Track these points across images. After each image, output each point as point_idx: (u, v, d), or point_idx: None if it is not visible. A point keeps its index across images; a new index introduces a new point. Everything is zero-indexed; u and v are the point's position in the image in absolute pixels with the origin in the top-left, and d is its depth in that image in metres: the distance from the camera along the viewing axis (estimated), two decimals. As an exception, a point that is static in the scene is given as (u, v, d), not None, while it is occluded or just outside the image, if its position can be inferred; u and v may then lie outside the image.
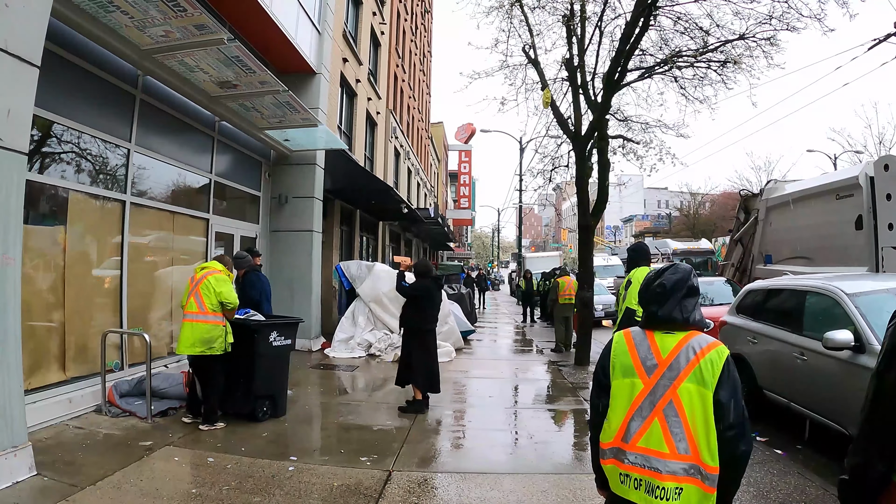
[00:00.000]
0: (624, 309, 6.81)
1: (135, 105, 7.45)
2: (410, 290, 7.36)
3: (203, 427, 6.04)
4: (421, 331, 7.38)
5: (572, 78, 11.51)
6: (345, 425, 6.60)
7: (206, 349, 6.02)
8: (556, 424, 7.29)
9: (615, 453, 2.27)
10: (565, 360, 11.74)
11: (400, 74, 25.90)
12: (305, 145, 11.67)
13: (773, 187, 13.58)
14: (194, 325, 6.02)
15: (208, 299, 6.08)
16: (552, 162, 14.26)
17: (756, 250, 13.61)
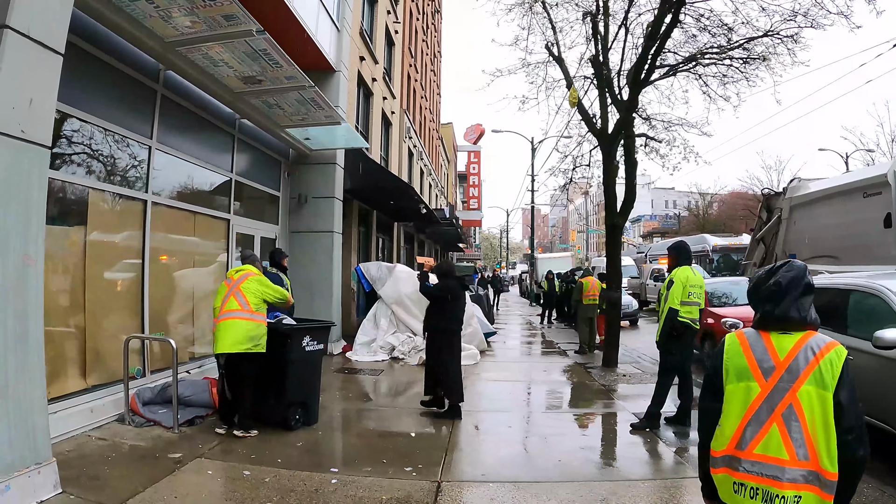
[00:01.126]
0: (667, 310, 6.49)
1: (156, 101, 7.16)
2: (436, 292, 7.07)
3: (238, 433, 5.75)
4: (449, 334, 7.08)
5: (598, 75, 11.20)
6: (380, 432, 6.30)
7: (252, 346, 5.78)
8: (598, 429, 6.93)
9: (728, 462, 2.17)
10: (592, 362, 11.41)
11: (413, 74, 25.62)
12: (326, 144, 11.36)
13: (797, 185, 13.27)
14: (237, 322, 5.76)
15: (253, 298, 5.87)
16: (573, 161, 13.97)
17: (779, 249, 13.32)
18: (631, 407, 7.56)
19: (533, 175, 35.12)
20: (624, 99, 11.12)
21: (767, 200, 14.96)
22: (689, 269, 6.68)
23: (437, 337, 7.05)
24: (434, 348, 7.07)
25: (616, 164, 11.31)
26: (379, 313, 11.95)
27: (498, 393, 8.71)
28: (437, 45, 39.06)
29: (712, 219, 50.02)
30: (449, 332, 7.07)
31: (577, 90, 11.76)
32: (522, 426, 6.72)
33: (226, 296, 5.90)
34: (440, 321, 7.03)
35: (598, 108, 11.65)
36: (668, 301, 6.51)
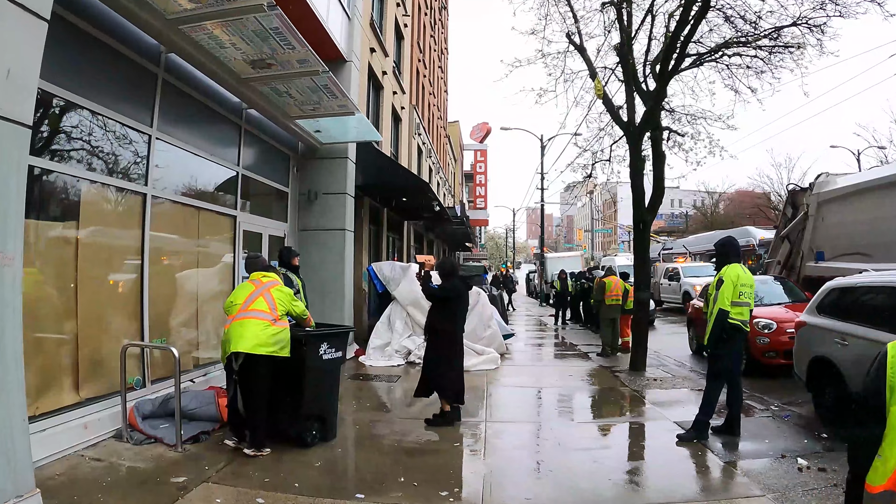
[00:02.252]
0: (716, 311, 5.85)
1: (157, 86, 6.56)
2: (441, 292, 6.62)
3: (249, 451, 5.13)
4: (452, 335, 6.62)
5: (624, 65, 10.61)
6: (405, 448, 5.66)
7: (278, 349, 5.23)
8: (642, 442, 6.29)
9: (889, 499, 1.80)
10: (617, 365, 10.81)
11: (421, 70, 25.04)
12: (337, 137, 10.74)
13: (825, 180, 12.74)
14: (263, 322, 5.21)
15: (281, 306, 5.40)
16: (592, 156, 13.41)
17: (806, 247, 12.79)
18: (670, 414, 6.96)
19: (542, 173, 34.54)
20: (649, 90, 10.60)
21: (793, 196, 14.44)
22: (738, 267, 6.08)
23: (437, 339, 6.62)
24: (434, 350, 6.64)
25: (643, 158, 10.75)
26: (393, 315, 11.36)
27: (525, 401, 8.14)
28: (443, 41, 38.49)
29: (720, 218, 49.38)
30: (451, 332, 6.63)
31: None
32: (560, 440, 6.02)
33: (253, 294, 5.37)
34: (443, 323, 6.58)
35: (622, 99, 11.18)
36: (717, 302, 5.90)
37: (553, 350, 13.99)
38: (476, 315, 11.32)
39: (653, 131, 10.49)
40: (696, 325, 12.17)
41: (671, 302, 22.31)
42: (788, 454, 5.35)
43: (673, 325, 17.94)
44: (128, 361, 5.89)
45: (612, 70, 11.76)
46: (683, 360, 11.59)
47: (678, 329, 16.42)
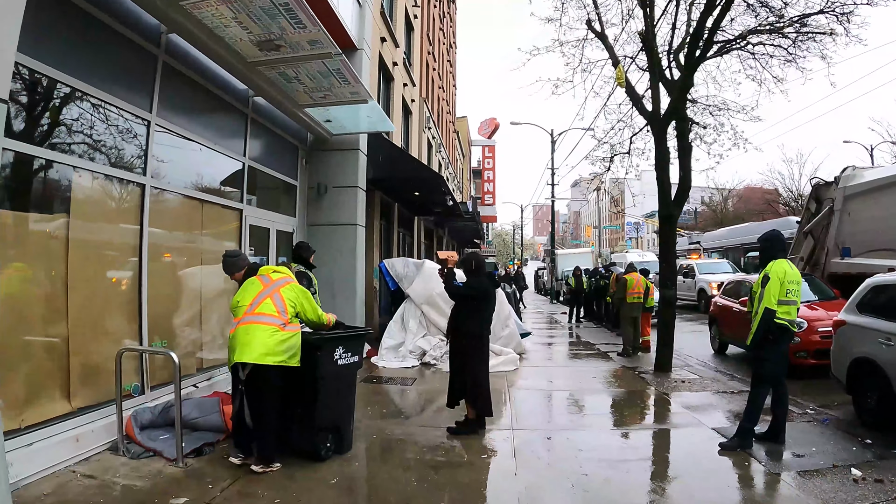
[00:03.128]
0: (761, 311, 5.35)
1: (157, 68, 6.06)
2: (468, 291, 6.05)
3: (257, 468, 4.62)
4: (479, 338, 6.11)
5: (649, 51, 10.08)
6: (429, 462, 5.11)
7: (288, 358, 4.71)
8: (681, 451, 5.67)
9: None
10: (641, 366, 10.32)
11: (431, 63, 24.50)
12: (348, 127, 10.24)
13: (852, 174, 12.22)
14: (271, 329, 4.67)
15: (291, 308, 4.87)
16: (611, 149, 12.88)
17: (831, 243, 12.27)
18: (707, 420, 6.49)
19: (553, 169, 33.96)
20: (673, 79, 10.09)
21: (816, 191, 13.91)
22: (785, 263, 5.57)
23: (464, 342, 6.07)
24: (461, 355, 6.10)
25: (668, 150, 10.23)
26: (407, 314, 10.85)
27: (551, 406, 7.64)
28: (452, 35, 37.96)
29: (730, 213, 48.75)
30: (478, 337, 6.09)
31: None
32: (594, 450, 5.47)
33: (260, 295, 4.84)
34: (469, 324, 6.04)
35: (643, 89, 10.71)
36: (762, 300, 5.40)
37: (572, 350, 13.45)
38: (494, 314, 10.80)
39: (679, 122, 9.99)
40: (720, 323, 11.71)
41: (685, 299, 21.78)
42: (840, 464, 4.92)
43: (689, 322, 17.40)
44: (124, 366, 5.44)
45: (633, 59, 11.28)
46: (707, 359, 11.13)
47: (696, 327, 15.92)
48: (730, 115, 11.12)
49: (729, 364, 10.57)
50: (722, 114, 11.19)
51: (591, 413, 7.17)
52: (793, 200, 40.71)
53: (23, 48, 3.92)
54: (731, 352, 11.60)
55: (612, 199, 74.28)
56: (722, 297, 12.06)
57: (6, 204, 4.39)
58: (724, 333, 11.53)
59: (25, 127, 4.56)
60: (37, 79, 4.60)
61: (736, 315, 10.59)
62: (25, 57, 4.32)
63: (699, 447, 5.59)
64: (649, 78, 10.41)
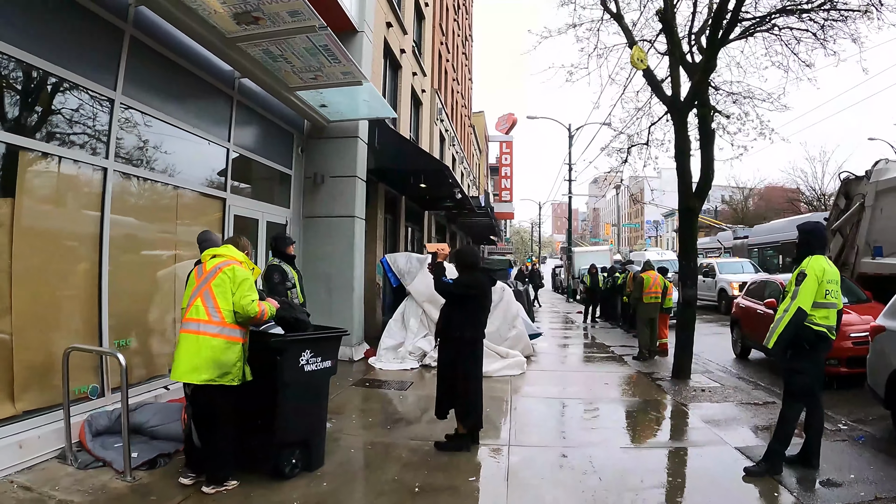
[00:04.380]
0: (793, 309, 4.66)
1: (123, 44, 5.54)
2: (458, 288, 5.38)
3: (208, 489, 4.06)
4: (471, 343, 5.44)
5: (668, 33, 9.43)
6: (408, 484, 4.48)
7: (218, 376, 4.01)
8: (700, 475, 4.96)
9: None
10: (657, 371, 9.64)
11: (444, 53, 23.90)
12: (346, 113, 9.69)
13: (885, 167, 11.42)
14: (200, 339, 4.02)
15: (225, 302, 4.08)
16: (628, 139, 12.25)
17: (861, 241, 11.49)
18: (729, 437, 5.79)
19: (570, 164, 33.24)
20: (695, 62, 9.44)
21: (846, 186, 13.12)
22: (824, 260, 4.84)
23: (454, 347, 5.42)
24: (450, 362, 5.45)
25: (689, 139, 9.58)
26: (408, 312, 10.29)
27: (556, 417, 6.96)
28: (468, 28, 37.30)
29: (752, 212, 47.79)
30: (470, 342, 5.43)
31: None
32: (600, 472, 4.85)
33: (193, 293, 4.18)
34: (461, 327, 5.37)
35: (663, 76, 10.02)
36: (797, 299, 4.69)
37: (584, 352, 12.80)
38: (500, 313, 10.24)
39: (700, 108, 9.33)
40: (743, 326, 11.04)
41: (705, 299, 21.05)
42: (884, 496, 4.23)
43: (709, 324, 16.67)
44: (82, 367, 4.99)
45: (652, 42, 10.63)
46: (728, 364, 10.45)
47: (717, 329, 15.22)
48: (755, 104, 10.45)
49: (752, 370, 9.89)
50: (747, 102, 10.51)
51: (599, 426, 6.48)
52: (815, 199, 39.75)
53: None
54: (753, 356, 10.92)
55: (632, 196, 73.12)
56: (745, 299, 11.38)
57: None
58: (746, 337, 10.85)
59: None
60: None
61: (760, 318, 9.93)
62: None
63: (721, 471, 4.91)
64: (669, 63, 9.77)
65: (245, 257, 4.38)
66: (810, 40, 9.33)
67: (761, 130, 10.45)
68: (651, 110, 11.63)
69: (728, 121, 10.51)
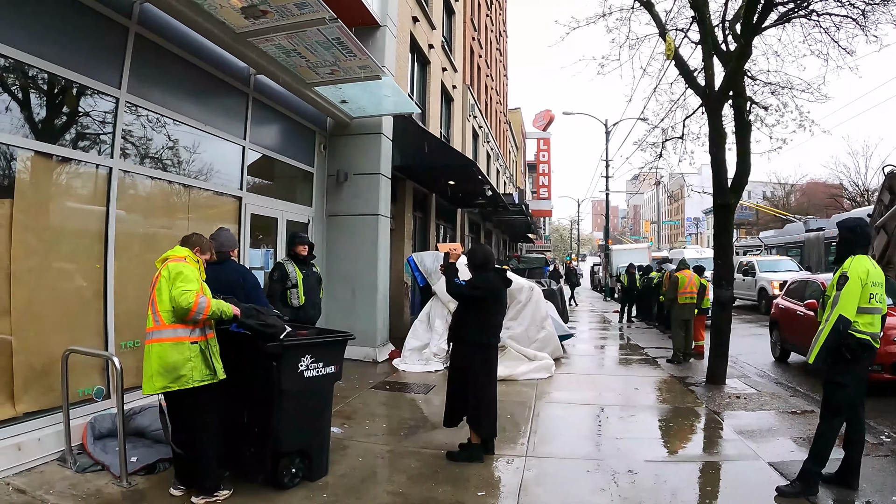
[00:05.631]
0: (834, 318, 4.24)
1: (127, 41, 5.44)
2: (470, 290, 5.10)
3: (197, 500, 3.88)
4: (485, 348, 5.16)
5: (700, 20, 8.98)
6: (413, 498, 4.25)
7: (172, 381, 3.80)
8: (729, 495, 4.53)
9: None
10: (691, 375, 9.18)
11: (476, 49, 23.60)
12: (369, 110, 9.52)
13: None
14: (150, 347, 3.85)
15: (162, 304, 3.87)
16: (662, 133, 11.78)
17: None
18: (763, 450, 5.36)
19: (607, 160, 32.64)
20: (729, 50, 8.98)
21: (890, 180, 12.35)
22: (867, 260, 4.39)
23: (466, 352, 5.14)
24: (462, 368, 5.18)
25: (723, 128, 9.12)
26: (433, 313, 10.05)
27: (580, 426, 6.55)
28: (502, 23, 36.84)
29: (793, 209, 46.40)
30: (484, 346, 5.14)
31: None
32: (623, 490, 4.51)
33: (147, 306, 4.01)
34: (473, 331, 5.10)
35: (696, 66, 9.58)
36: (838, 305, 4.28)
37: (617, 354, 12.37)
38: (528, 314, 9.94)
39: (735, 98, 8.86)
40: (782, 327, 10.50)
41: (745, 299, 20.31)
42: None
43: (749, 325, 16.05)
44: (87, 368, 4.91)
45: (685, 32, 10.17)
46: (766, 368, 9.95)
47: (756, 330, 14.64)
48: (793, 95, 9.89)
49: (791, 375, 9.37)
50: (785, 92, 9.96)
51: (624, 437, 6.02)
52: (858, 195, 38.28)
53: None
54: (793, 360, 10.37)
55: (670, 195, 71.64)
56: (785, 299, 10.81)
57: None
58: (786, 340, 10.31)
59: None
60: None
61: (800, 319, 9.41)
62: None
63: (752, 490, 4.51)
64: (702, 52, 9.32)
65: (189, 251, 4.14)
66: (851, 26, 8.82)
67: (801, 122, 9.91)
68: (685, 102, 11.17)
69: (766, 112, 10.02)
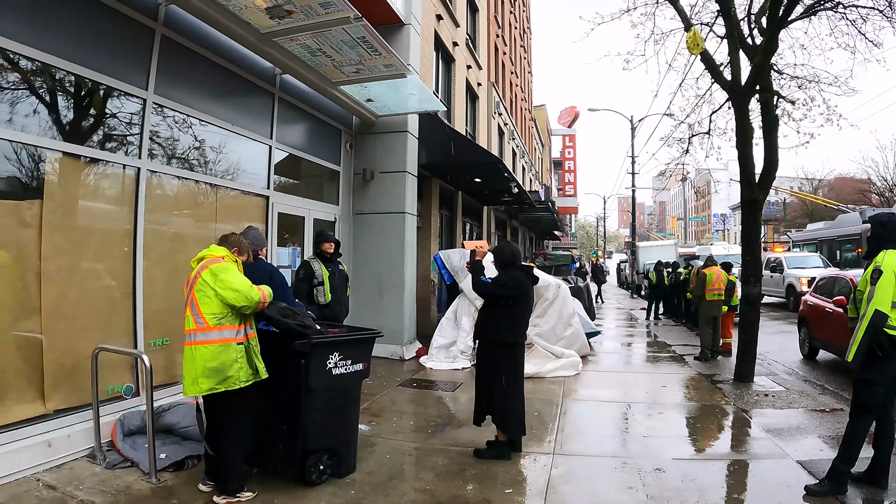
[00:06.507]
0: (870, 314, 4.10)
1: (154, 43, 5.50)
2: (497, 289, 5.04)
3: (219, 500, 3.89)
4: (511, 347, 5.09)
5: (725, 14, 8.80)
6: (440, 495, 4.22)
7: (219, 383, 3.80)
8: (757, 493, 4.42)
9: None
10: (719, 373, 9.03)
11: (500, 46, 23.49)
12: (394, 108, 9.50)
13: None
14: (193, 349, 3.83)
15: (207, 306, 3.85)
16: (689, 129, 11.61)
17: None
18: (791, 449, 5.24)
19: (633, 157, 32.25)
20: (755, 44, 8.84)
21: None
22: None
23: (492, 351, 5.08)
24: (488, 367, 5.12)
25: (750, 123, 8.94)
26: (460, 311, 10.00)
27: (607, 423, 6.49)
28: (525, 20, 36.65)
29: (820, 205, 45.51)
30: (511, 345, 5.08)
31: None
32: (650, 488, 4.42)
33: (185, 306, 4.01)
34: (499, 329, 5.04)
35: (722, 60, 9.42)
36: (873, 300, 4.13)
37: (644, 351, 12.20)
38: (556, 311, 9.84)
39: (762, 93, 8.68)
40: (810, 325, 10.26)
41: (773, 295, 19.93)
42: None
43: (777, 322, 15.73)
44: (117, 366, 4.97)
45: (710, 26, 9.99)
46: (794, 366, 9.74)
47: (783, 327, 14.38)
48: (820, 89, 9.68)
49: (819, 373, 9.16)
50: (812, 86, 9.75)
51: (651, 435, 5.93)
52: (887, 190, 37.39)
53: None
54: (822, 357, 10.14)
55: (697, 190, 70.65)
56: (813, 296, 10.55)
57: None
58: (815, 337, 10.07)
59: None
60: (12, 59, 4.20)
61: (829, 316, 9.19)
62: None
63: (780, 489, 4.39)
64: (728, 46, 9.13)
65: (227, 251, 4.13)
66: (877, 18, 8.60)
67: (828, 116, 9.70)
68: (712, 97, 11.00)
69: (793, 107, 9.81)
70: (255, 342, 4.03)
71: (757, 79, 8.44)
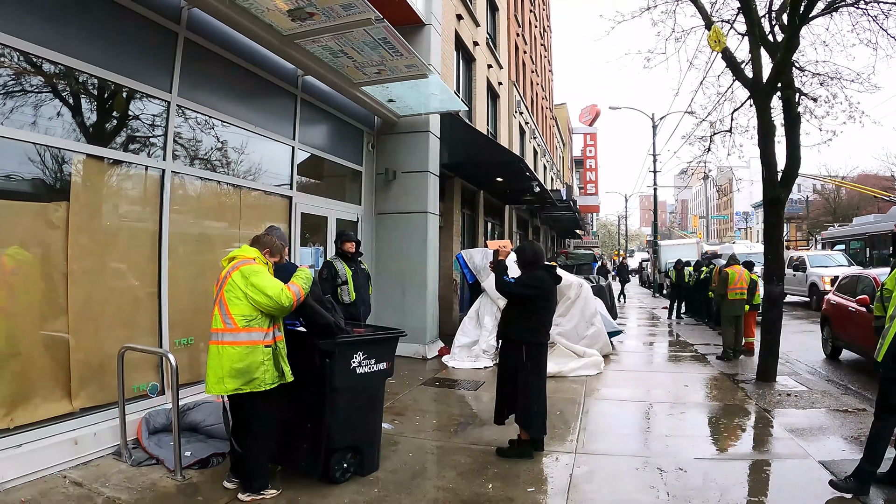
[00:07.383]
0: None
1: (177, 46, 5.56)
2: (520, 288, 5.01)
3: (243, 497, 3.91)
4: (535, 346, 5.04)
5: (746, 11, 8.66)
6: (463, 493, 4.20)
7: (244, 384, 3.81)
8: (780, 494, 4.33)
9: None
10: (741, 373, 8.89)
11: (521, 45, 23.38)
12: (415, 108, 9.51)
13: None
14: (220, 349, 3.83)
15: (236, 307, 3.85)
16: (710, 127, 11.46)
17: None
18: (813, 449, 5.14)
19: (654, 155, 31.95)
20: (776, 41, 8.73)
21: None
22: None
23: (515, 351, 5.03)
24: (511, 367, 5.08)
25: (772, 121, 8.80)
26: (483, 310, 9.97)
27: (629, 422, 6.43)
28: (546, 19, 36.46)
29: (844, 202, 44.67)
30: (533, 345, 5.02)
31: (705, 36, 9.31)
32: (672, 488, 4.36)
33: (214, 303, 4.01)
34: (522, 329, 5.01)
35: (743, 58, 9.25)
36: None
37: (666, 350, 12.03)
38: (578, 310, 9.78)
39: (784, 90, 8.54)
40: (833, 324, 10.08)
41: (795, 294, 19.59)
42: None
43: (799, 321, 15.46)
44: (142, 365, 5.04)
45: (731, 23, 9.86)
46: (817, 366, 9.57)
47: (806, 326, 14.14)
48: (843, 85, 9.50)
49: (842, 372, 8.99)
50: (833, 83, 9.57)
51: (674, 434, 5.86)
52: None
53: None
54: (844, 357, 9.95)
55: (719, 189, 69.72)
56: (836, 295, 10.35)
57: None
58: (838, 337, 9.88)
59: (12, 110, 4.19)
60: (26, 58, 4.26)
61: (852, 316, 9.02)
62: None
63: (802, 489, 4.33)
64: (749, 43, 8.99)
65: (258, 252, 4.11)
66: None
67: (851, 113, 9.52)
68: (733, 95, 10.86)
69: (815, 104, 9.65)
70: (283, 345, 4.04)
71: (779, 76, 8.31)
